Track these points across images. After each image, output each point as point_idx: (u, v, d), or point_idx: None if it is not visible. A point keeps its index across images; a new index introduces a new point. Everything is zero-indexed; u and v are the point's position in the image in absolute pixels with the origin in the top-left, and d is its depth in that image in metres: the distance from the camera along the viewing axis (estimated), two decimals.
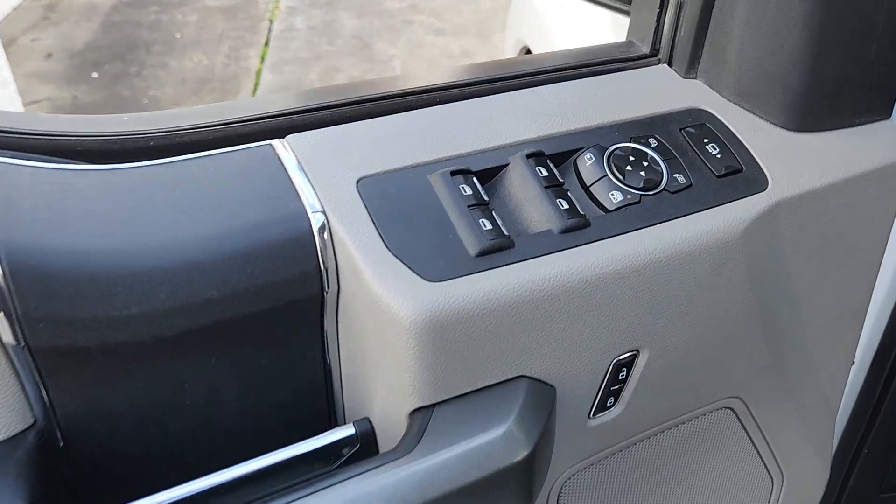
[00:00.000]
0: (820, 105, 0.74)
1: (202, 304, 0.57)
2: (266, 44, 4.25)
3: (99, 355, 0.56)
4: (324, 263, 0.61)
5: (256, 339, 0.62)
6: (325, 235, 0.61)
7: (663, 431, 0.78)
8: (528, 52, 2.05)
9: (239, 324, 0.60)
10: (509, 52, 2.22)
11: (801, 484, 0.93)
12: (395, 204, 0.62)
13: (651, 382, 0.71)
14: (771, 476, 0.90)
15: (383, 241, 0.60)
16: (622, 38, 0.89)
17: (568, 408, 0.67)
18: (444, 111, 0.70)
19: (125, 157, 0.62)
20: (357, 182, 0.63)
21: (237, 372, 0.62)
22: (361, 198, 0.62)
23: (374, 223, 0.60)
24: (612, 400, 0.70)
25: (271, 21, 4.42)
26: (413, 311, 0.57)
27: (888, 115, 0.79)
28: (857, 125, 0.77)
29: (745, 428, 0.83)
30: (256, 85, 3.93)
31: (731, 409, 0.81)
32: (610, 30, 1.56)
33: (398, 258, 0.59)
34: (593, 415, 0.70)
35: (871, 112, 0.77)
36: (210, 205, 0.60)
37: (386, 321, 0.58)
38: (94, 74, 3.94)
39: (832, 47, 0.72)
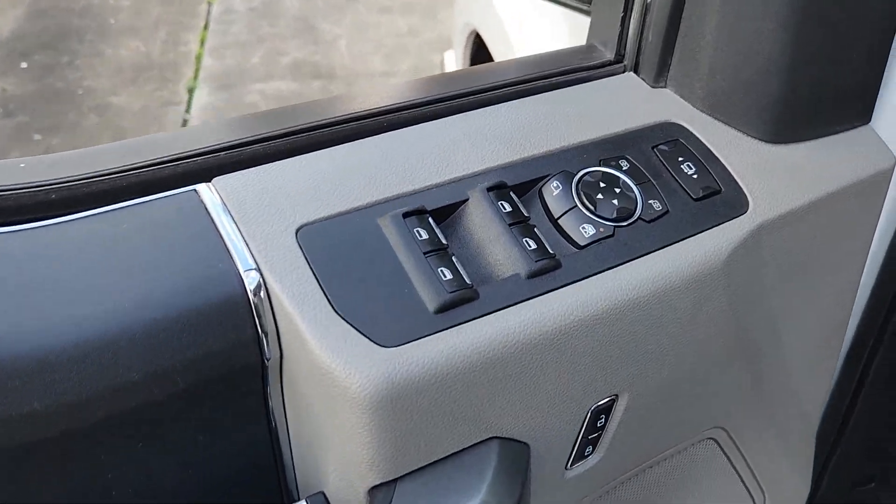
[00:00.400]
0: (799, 114, 0.69)
1: (122, 388, 0.49)
2: (205, 27, 4.08)
3: (2, 459, 0.48)
4: (262, 328, 0.53)
5: (190, 418, 0.54)
6: (262, 295, 0.53)
7: (644, 471, 0.73)
8: (478, 36, 1.97)
9: (168, 404, 0.52)
10: (458, 37, 2.13)
11: (783, 501, 0.90)
12: (341, 256, 0.54)
13: (631, 425, 0.65)
14: (752, 497, 0.86)
15: (329, 301, 0.52)
16: (579, 24, 0.82)
17: (544, 462, 0.61)
18: (391, 140, 0.63)
19: (21, 214, 0.53)
20: (296, 231, 0.55)
21: (170, 455, 0.55)
22: (302, 250, 0.54)
23: (317, 280, 0.53)
24: (590, 448, 0.64)
25: (210, 4, 4.23)
26: (366, 382, 0.50)
27: (867, 121, 0.74)
28: (836, 133, 0.72)
29: (727, 456, 0.79)
30: (197, 71, 3.77)
31: (714, 439, 0.76)
32: (563, 16, 1.49)
33: (347, 321, 0.52)
34: (570, 465, 0.64)
35: (852, 118, 0.72)
36: (125, 269, 0.52)
37: (336, 394, 0.51)
38: (24, 65, 3.73)
39: (812, 51, 0.66)
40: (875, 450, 1.24)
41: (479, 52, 2.02)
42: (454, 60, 2.26)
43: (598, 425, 0.63)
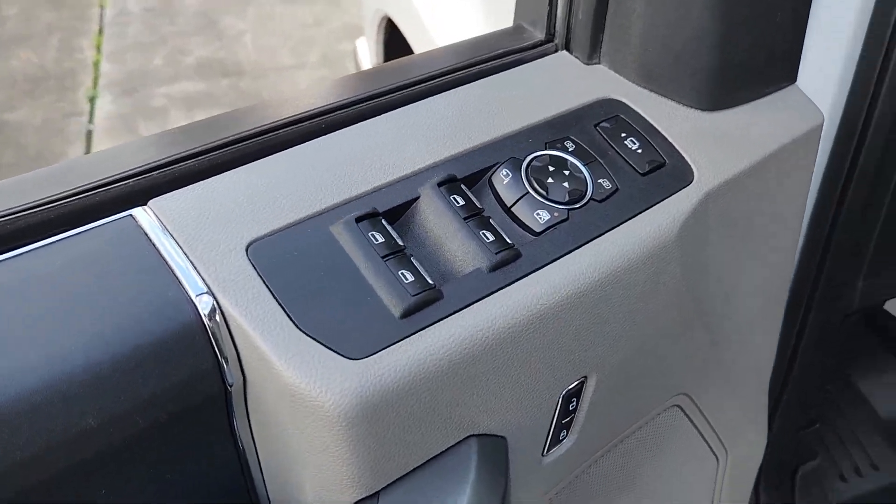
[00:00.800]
0: (731, 80, 0.70)
1: (79, 437, 0.46)
2: (100, 32, 3.89)
3: None
4: (221, 354, 0.51)
5: (154, 456, 0.51)
6: (218, 319, 0.50)
7: (616, 446, 0.73)
8: (390, 23, 1.93)
9: (130, 446, 0.49)
10: (368, 24, 2.09)
11: (743, 455, 0.92)
12: (296, 269, 0.52)
13: (601, 404, 0.65)
14: (716, 455, 0.88)
15: (290, 317, 0.50)
16: (495, 1, 0.81)
17: (521, 452, 0.61)
18: (332, 141, 0.61)
19: None
20: (247, 248, 0.52)
21: (137, 494, 0.52)
22: (255, 267, 0.52)
23: (275, 297, 0.51)
24: (564, 432, 0.64)
25: (102, 7, 4.03)
26: (339, 399, 0.48)
27: (794, 80, 0.75)
28: (766, 94, 0.73)
29: (691, 420, 0.80)
30: (96, 78, 3.60)
31: (678, 405, 0.77)
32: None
33: (311, 336, 0.50)
34: (547, 451, 0.64)
35: (780, 80, 0.74)
36: (65, 309, 0.48)
37: (307, 413, 0.49)
38: None
39: (738, 18, 0.67)
40: (813, 396, 1.30)
41: (392, 37, 1.99)
42: (367, 48, 2.22)
43: (571, 409, 0.63)
